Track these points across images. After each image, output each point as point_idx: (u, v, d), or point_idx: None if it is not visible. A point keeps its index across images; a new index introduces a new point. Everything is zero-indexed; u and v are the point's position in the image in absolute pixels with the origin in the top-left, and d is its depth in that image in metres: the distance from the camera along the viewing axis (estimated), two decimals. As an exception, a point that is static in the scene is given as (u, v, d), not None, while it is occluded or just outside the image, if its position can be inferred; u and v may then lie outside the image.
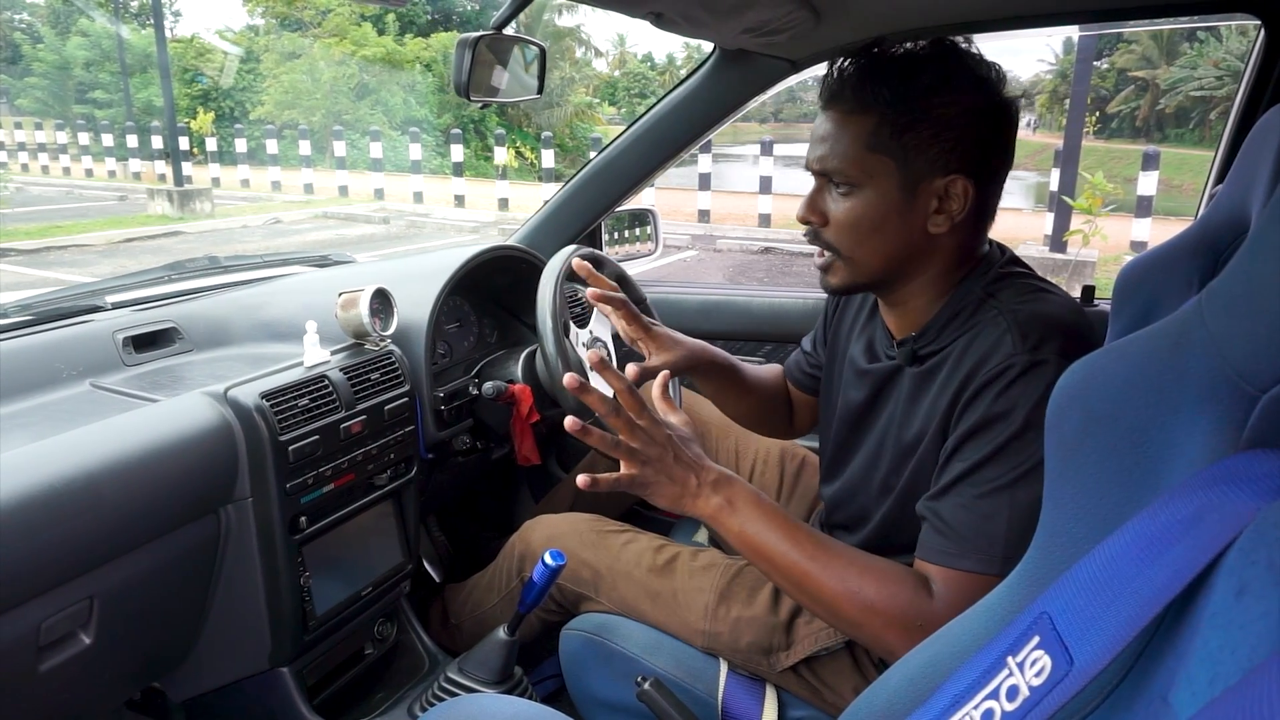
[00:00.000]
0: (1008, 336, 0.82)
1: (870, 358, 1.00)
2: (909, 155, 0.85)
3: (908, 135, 0.84)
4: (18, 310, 1.13)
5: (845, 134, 0.86)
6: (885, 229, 0.87)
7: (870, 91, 0.84)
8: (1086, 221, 5.23)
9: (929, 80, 0.84)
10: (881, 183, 0.86)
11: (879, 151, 0.85)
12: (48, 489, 0.77)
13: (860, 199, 0.87)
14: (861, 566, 0.82)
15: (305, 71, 15.63)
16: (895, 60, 0.86)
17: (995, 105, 0.86)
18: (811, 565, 0.81)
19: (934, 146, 0.84)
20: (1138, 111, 19.90)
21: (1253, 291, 0.45)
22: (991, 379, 0.81)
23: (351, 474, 1.10)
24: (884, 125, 0.84)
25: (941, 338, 0.89)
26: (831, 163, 0.87)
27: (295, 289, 1.36)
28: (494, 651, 1.11)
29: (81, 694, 0.91)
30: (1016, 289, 0.87)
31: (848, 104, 0.86)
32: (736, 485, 0.84)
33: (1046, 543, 0.59)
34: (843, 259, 0.90)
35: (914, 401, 0.91)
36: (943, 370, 0.88)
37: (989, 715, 0.52)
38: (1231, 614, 0.40)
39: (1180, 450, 0.51)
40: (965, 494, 0.81)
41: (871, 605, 0.79)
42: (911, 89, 0.83)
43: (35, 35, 17.80)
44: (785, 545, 0.82)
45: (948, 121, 0.84)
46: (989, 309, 0.86)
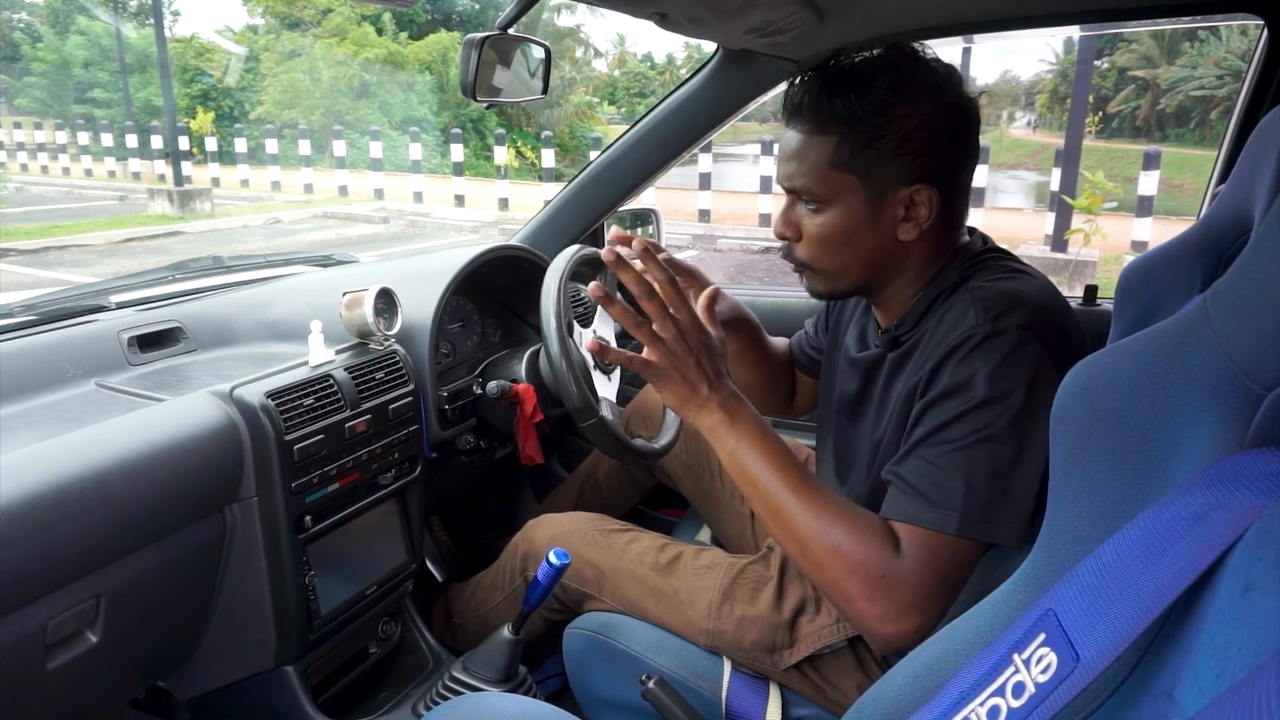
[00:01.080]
0: (970, 311, 0.84)
1: (861, 346, 1.02)
2: (872, 171, 0.86)
3: (868, 151, 0.85)
4: (23, 310, 1.13)
5: (809, 154, 0.88)
6: (855, 242, 0.89)
7: (828, 110, 0.85)
8: (1087, 221, 5.23)
9: (884, 94, 0.84)
10: (848, 199, 0.87)
11: (842, 169, 0.86)
12: (55, 488, 0.78)
13: (829, 215, 0.89)
14: (837, 512, 0.82)
15: (305, 71, 15.63)
16: (850, 75, 0.86)
17: (953, 109, 0.86)
18: (790, 499, 0.82)
19: (896, 159, 0.85)
20: (1138, 111, 19.90)
21: (1258, 290, 0.45)
22: (952, 349, 0.83)
23: (356, 473, 1.11)
24: (844, 144, 0.86)
25: (919, 325, 0.91)
26: (799, 181, 0.89)
27: (299, 289, 1.36)
28: (498, 650, 1.12)
29: (88, 692, 0.91)
30: (990, 271, 0.89)
31: (808, 124, 0.88)
32: (744, 408, 0.85)
33: (1052, 540, 0.59)
34: (816, 272, 0.93)
35: (890, 386, 0.94)
36: (915, 352, 0.90)
37: (995, 712, 0.52)
38: (1238, 610, 0.40)
39: (1186, 448, 0.51)
40: (925, 454, 0.82)
41: (838, 548, 0.79)
42: (867, 104, 0.84)
43: (35, 35, 17.79)
44: (772, 475, 0.82)
45: (907, 134, 0.84)
46: (961, 291, 0.88)
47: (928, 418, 0.84)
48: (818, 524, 0.80)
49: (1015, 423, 0.79)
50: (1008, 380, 0.80)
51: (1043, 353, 0.81)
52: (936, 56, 0.88)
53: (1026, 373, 0.80)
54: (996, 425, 0.79)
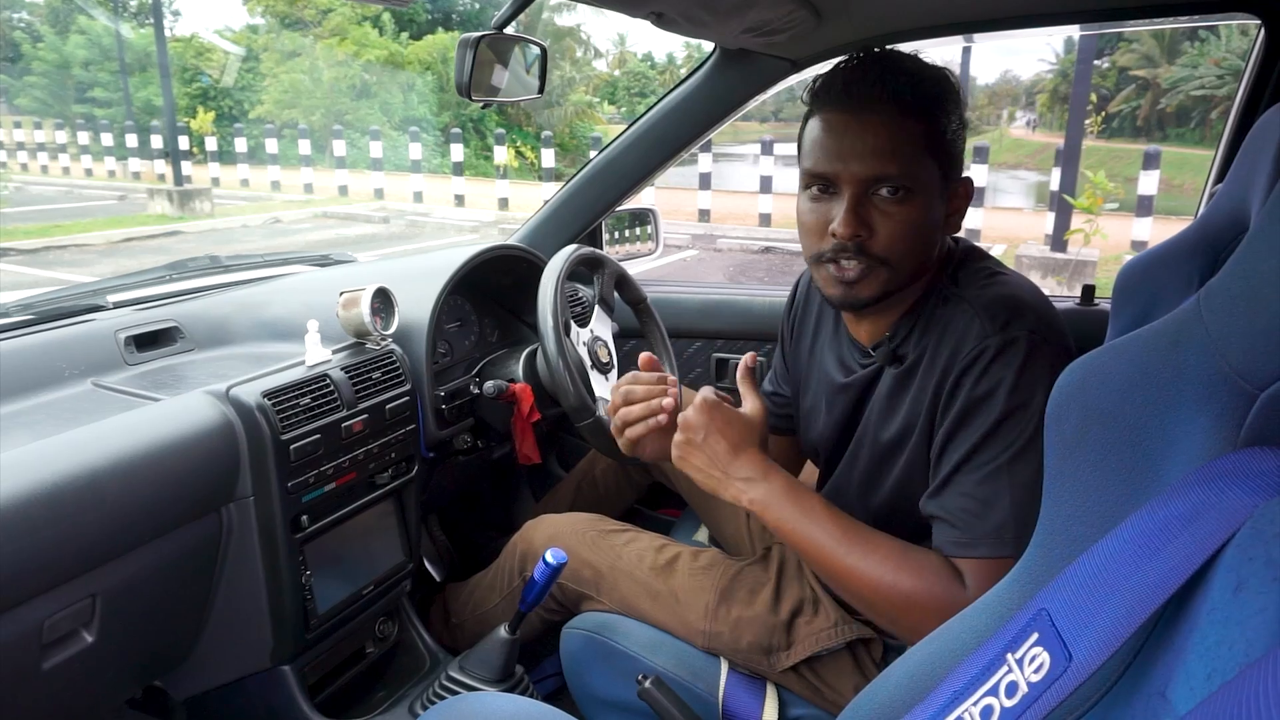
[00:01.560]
0: (975, 322, 0.84)
1: (845, 372, 1.00)
2: (948, 159, 0.87)
3: (944, 140, 0.86)
4: (19, 310, 1.13)
5: (901, 139, 0.84)
6: (930, 233, 0.89)
7: (917, 94, 0.85)
8: (1087, 221, 5.23)
9: (942, 90, 0.86)
10: (930, 188, 0.87)
11: (931, 155, 0.86)
12: (51, 487, 0.78)
13: (915, 204, 0.86)
14: (898, 559, 0.83)
15: (305, 71, 15.62)
16: (911, 69, 0.86)
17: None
18: (848, 559, 0.84)
19: (956, 149, 0.88)
20: (1139, 111, 19.89)
21: (1251, 290, 0.45)
22: (969, 364, 0.83)
23: (353, 473, 1.11)
24: (932, 129, 0.85)
25: (916, 335, 0.91)
26: (892, 169, 0.84)
27: (296, 288, 1.36)
28: (495, 650, 1.12)
29: (84, 692, 0.91)
30: (975, 275, 0.90)
31: (895, 108, 0.84)
32: (772, 481, 0.87)
33: (1046, 540, 0.59)
34: (890, 267, 0.87)
35: (893, 400, 0.92)
36: (922, 364, 0.89)
37: (988, 712, 0.52)
38: (1229, 610, 0.40)
39: (1179, 448, 0.51)
40: (965, 483, 0.83)
41: (909, 597, 0.81)
42: (938, 96, 0.86)
43: (35, 34, 17.79)
44: (822, 539, 0.85)
45: (957, 129, 0.88)
46: (955, 300, 0.88)
47: (957, 441, 0.83)
48: (881, 578, 0.82)
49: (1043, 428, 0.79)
50: (1028, 389, 0.80)
51: (1054, 355, 0.82)
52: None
53: (1044, 378, 0.80)
54: (1025, 435, 0.80)
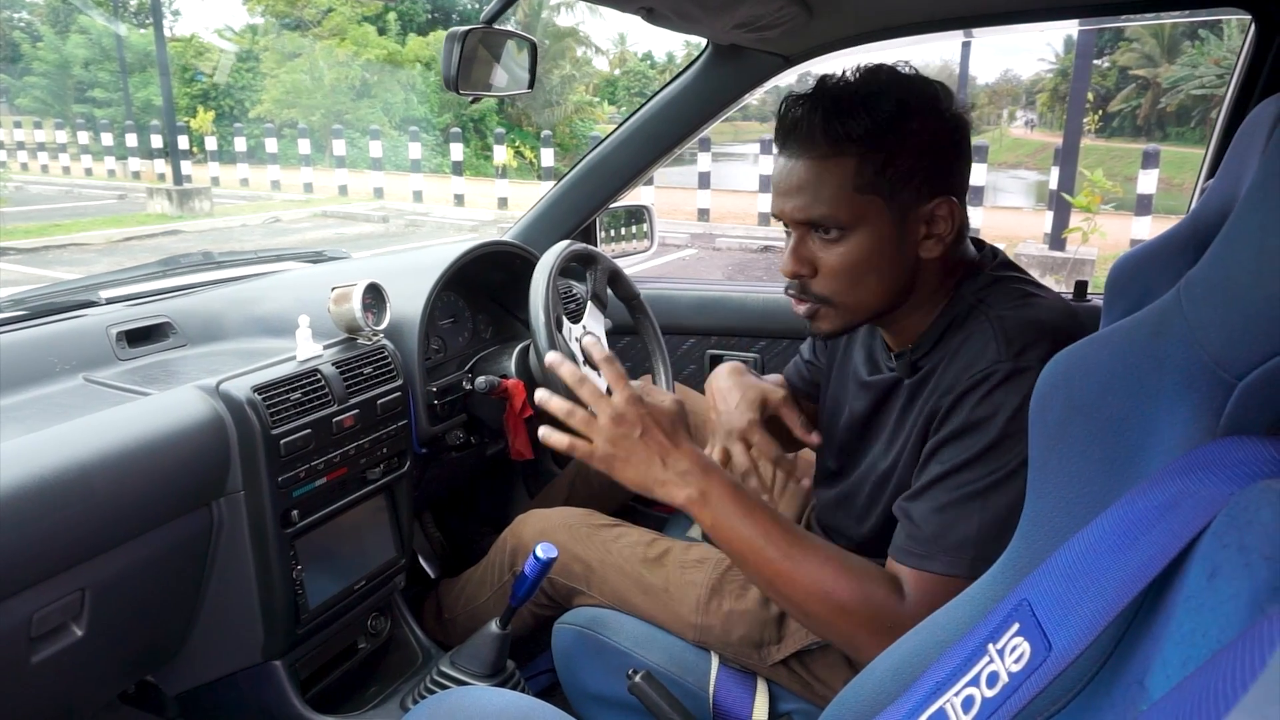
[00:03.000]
0: (993, 343, 0.81)
1: (871, 369, 0.99)
2: (895, 189, 0.83)
3: (889, 170, 0.82)
4: (11, 305, 1.14)
5: (827, 179, 0.83)
6: (881, 267, 0.86)
7: (841, 132, 0.82)
8: (1086, 219, 5.23)
9: (892, 109, 0.82)
10: (873, 222, 0.84)
11: (865, 191, 0.83)
12: (39, 480, 0.78)
13: (853, 242, 0.84)
14: (835, 566, 0.82)
15: (305, 71, 15.63)
16: (853, 95, 0.83)
17: (954, 120, 0.85)
18: (785, 563, 0.81)
19: (915, 175, 0.83)
20: (1139, 110, 19.88)
21: (1228, 279, 0.45)
22: (974, 385, 0.81)
23: (344, 468, 1.11)
24: (865, 164, 0.82)
25: (936, 348, 0.89)
26: (818, 211, 0.84)
27: (288, 284, 1.36)
28: (486, 645, 1.12)
29: (74, 686, 0.91)
30: (1007, 293, 0.86)
31: (820, 149, 0.83)
32: (711, 477, 0.83)
33: (1029, 531, 0.60)
34: (836, 306, 0.88)
35: (906, 412, 0.91)
36: (932, 378, 0.87)
37: (969, 702, 0.52)
38: (1203, 597, 0.40)
39: (1160, 438, 0.51)
40: (939, 497, 0.81)
41: (843, 606, 0.80)
42: (881, 122, 0.82)
43: (35, 34, 17.80)
44: (760, 542, 0.82)
45: (921, 147, 0.83)
46: (979, 315, 0.85)
47: (943, 455, 0.82)
48: (816, 584, 0.80)
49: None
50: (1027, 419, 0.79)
51: None
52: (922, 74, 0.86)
53: None
54: (1011, 465, 0.78)
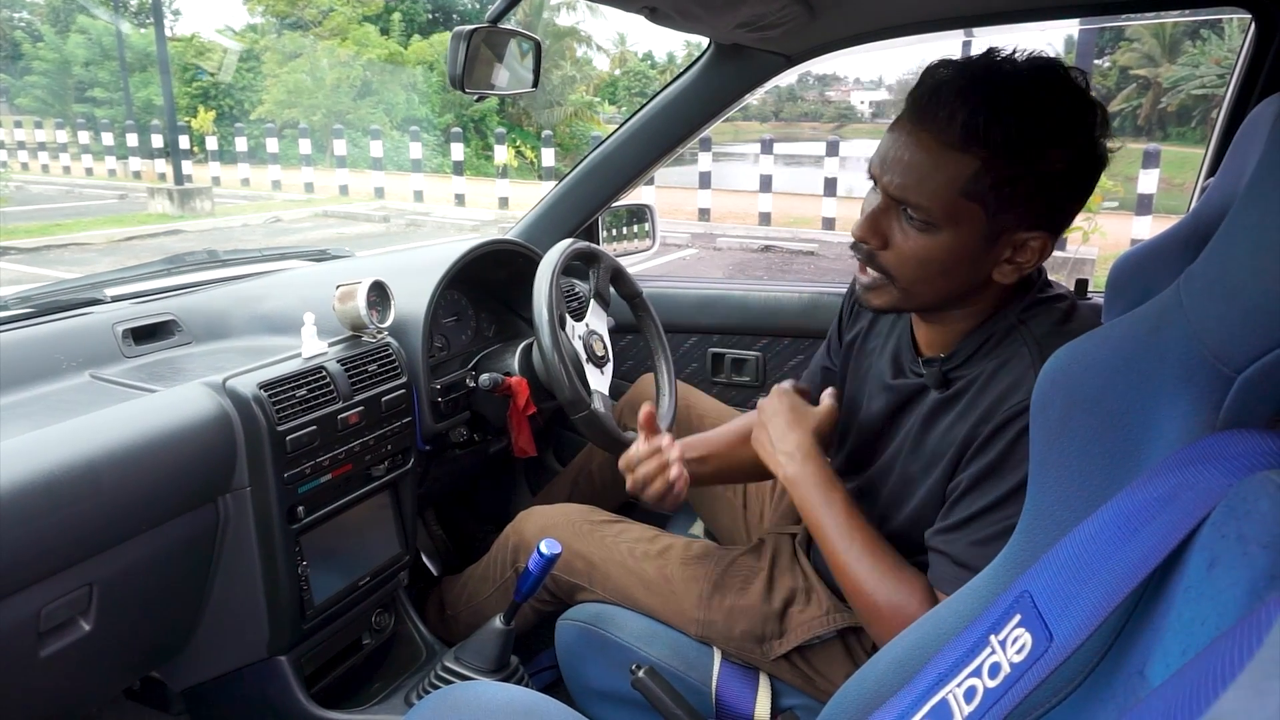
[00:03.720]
0: (1031, 372, 0.78)
1: (896, 372, 0.96)
2: (1002, 207, 0.77)
3: (1007, 188, 0.76)
4: (18, 303, 1.14)
5: (940, 171, 0.77)
6: (952, 271, 0.81)
7: (982, 130, 0.74)
8: (1086, 219, 5.23)
9: (1046, 128, 0.75)
10: (964, 229, 0.78)
11: (971, 199, 0.77)
12: (48, 476, 0.78)
13: (936, 239, 0.79)
14: (882, 570, 0.87)
15: (306, 71, 15.64)
16: (1014, 92, 0.75)
17: (1095, 156, 0.78)
18: (842, 555, 0.89)
19: (1029, 202, 0.77)
20: (1139, 110, 19.87)
21: (1227, 274, 0.46)
22: (1011, 418, 0.79)
23: (349, 464, 1.11)
24: (985, 173, 0.75)
25: (970, 363, 0.86)
26: (915, 197, 0.78)
27: (293, 282, 1.36)
28: (490, 640, 1.12)
29: (82, 680, 0.92)
30: (1050, 315, 0.83)
31: (949, 134, 0.76)
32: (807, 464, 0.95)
33: (1031, 526, 0.60)
34: (898, 287, 0.84)
35: (931, 423, 0.89)
36: (965, 397, 0.85)
37: (971, 693, 0.53)
38: (1203, 587, 0.40)
39: (1160, 432, 0.51)
40: (979, 530, 0.81)
41: (876, 608, 0.85)
42: (1026, 137, 0.74)
43: (35, 34, 17.81)
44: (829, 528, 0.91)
45: (1051, 179, 0.76)
46: (1018, 338, 0.82)
47: (982, 489, 0.81)
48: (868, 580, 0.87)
49: None
50: None
51: None
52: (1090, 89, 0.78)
53: None
54: None
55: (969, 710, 0.52)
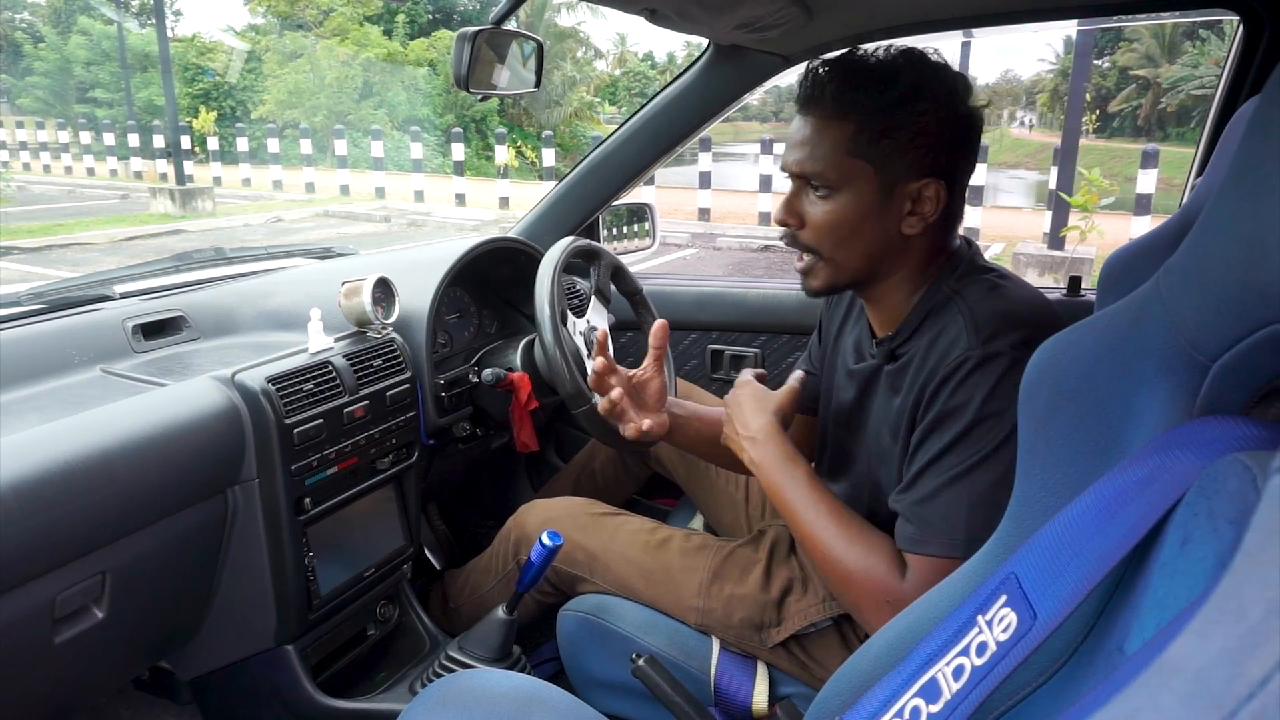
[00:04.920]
0: (964, 333, 0.86)
1: (857, 357, 1.03)
2: (886, 160, 0.88)
3: (885, 140, 0.87)
4: (30, 299, 1.16)
5: (825, 139, 0.89)
6: (863, 230, 0.90)
7: (850, 98, 0.87)
8: (1083, 218, 5.25)
9: (905, 88, 0.86)
10: (859, 186, 0.89)
11: (857, 156, 0.88)
12: (64, 466, 0.80)
13: (838, 202, 0.90)
14: (849, 537, 0.89)
15: (307, 71, 15.66)
16: (872, 67, 0.88)
17: (965, 114, 0.89)
18: (809, 528, 0.92)
19: (910, 152, 0.87)
20: (1139, 110, 19.89)
21: (1202, 267, 0.47)
22: (949, 374, 0.85)
23: (354, 457, 1.13)
24: (863, 131, 0.87)
25: (914, 337, 0.93)
26: (810, 166, 0.90)
27: (299, 279, 1.38)
28: (493, 630, 1.14)
29: (94, 667, 0.94)
30: (980, 285, 0.90)
31: (826, 109, 0.88)
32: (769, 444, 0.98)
33: (1018, 512, 0.62)
34: (823, 260, 0.93)
35: (888, 397, 0.95)
36: (911, 366, 0.91)
37: (960, 670, 0.55)
38: (1177, 563, 0.42)
39: (1141, 419, 0.53)
40: (926, 485, 0.86)
41: (848, 574, 0.88)
42: (889, 96, 0.86)
43: (36, 35, 17.83)
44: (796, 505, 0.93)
45: (922, 128, 0.87)
46: (954, 306, 0.89)
47: (927, 444, 0.87)
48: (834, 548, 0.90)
49: (1011, 438, 0.82)
50: (1002, 400, 0.83)
51: None
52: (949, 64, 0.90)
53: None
54: (993, 443, 0.83)
55: (957, 687, 0.54)
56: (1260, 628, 0.21)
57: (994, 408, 0.83)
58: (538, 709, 0.78)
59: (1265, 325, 0.42)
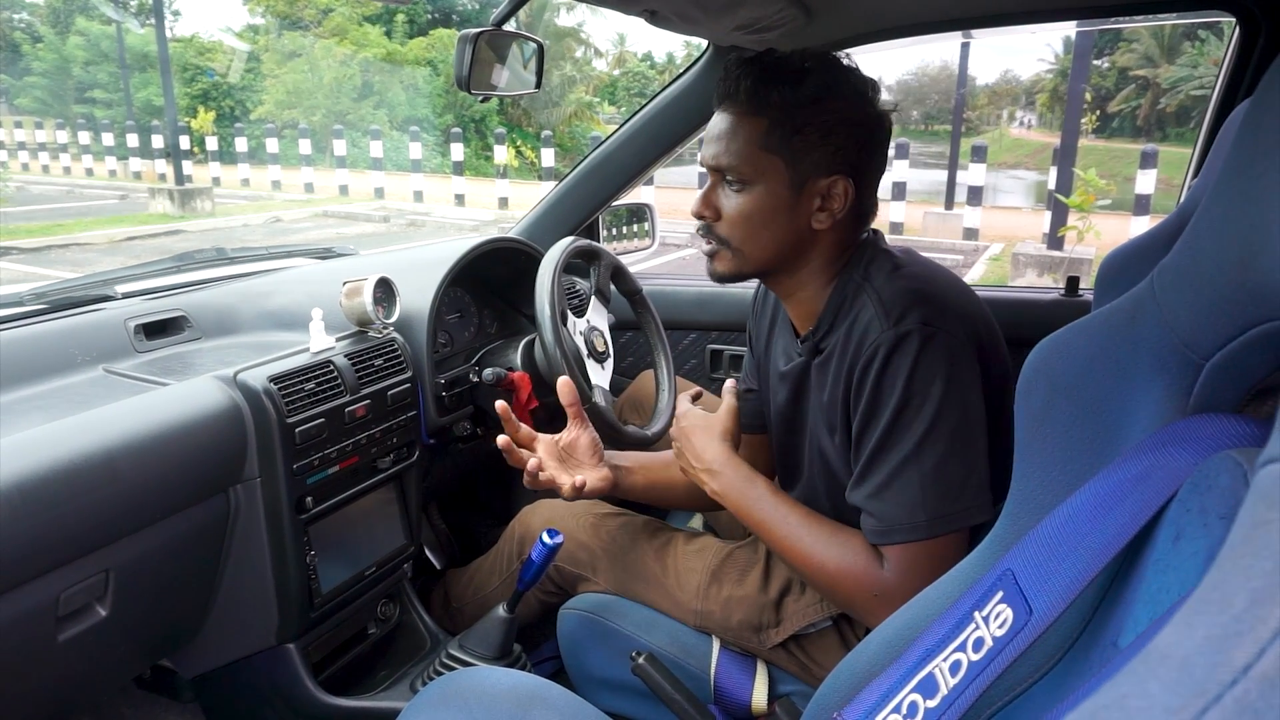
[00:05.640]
0: (875, 318, 0.89)
1: (786, 360, 1.05)
2: (797, 156, 0.91)
3: (796, 138, 0.90)
4: (33, 299, 1.17)
5: (739, 134, 0.92)
6: (774, 224, 0.94)
7: (763, 95, 0.90)
8: (1081, 218, 5.26)
9: (815, 89, 0.90)
10: (771, 181, 0.92)
11: (770, 151, 0.91)
12: (67, 465, 0.81)
13: (752, 195, 0.93)
14: (825, 540, 0.91)
15: (306, 71, 15.66)
16: (784, 66, 0.91)
17: (874, 115, 0.93)
18: (787, 540, 0.93)
19: (819, 150, 0.91)
20: (1139, 110, 19.91)
21: (1195, 267, 0.48)
22: (869, 360, 0.88)
23: (355, 456, 1.14)
24: (775, 128, 0.90)
25: (833, 329, 0.96)
26: (726, 160, 0.93)
27: (300, 279, 1.39)
28: (494, 628, 1.15)
29: (97, 665, 0.94)
30: (884, 268, 0.94)
31: (742, 106, 0.92)
32: (728, 470, 0.98)
33: (1015, 510, 0.63)
34: (732, 250, 0.97)
35: (820, 393, 0.97)
36: (834, 358, 0.94)
37: (957, 666, 0.55)
38: (1169, 559, 0.43)
39: (1136, 417, 0.54)
40: (875, 477, 0.88)
41: (832, 575, 0.90)
42: (800, 95, 0.90)
43: (35, 35, 17.83)
44: (769, 523, 0.94)
45: (833, 127, 0.91)
46: (863, 293, 0.92)
47: (866, 435, 0.89)
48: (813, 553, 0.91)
49: (943, 410, 0.84)
50: (925, 378, 0.85)
51: (949, 338, 0.86)
52: (859, 67, 0.95)
53: (942, 362, 0.85)
54: (926, 421, 0.85)
55: (954, 682, 0.55)
56: (1244, 616, 0.21)
57: (918, 386, 0.85)
58: (538, 706, 0.78)
59: (1257, 324, 0.42)
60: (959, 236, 8.06)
